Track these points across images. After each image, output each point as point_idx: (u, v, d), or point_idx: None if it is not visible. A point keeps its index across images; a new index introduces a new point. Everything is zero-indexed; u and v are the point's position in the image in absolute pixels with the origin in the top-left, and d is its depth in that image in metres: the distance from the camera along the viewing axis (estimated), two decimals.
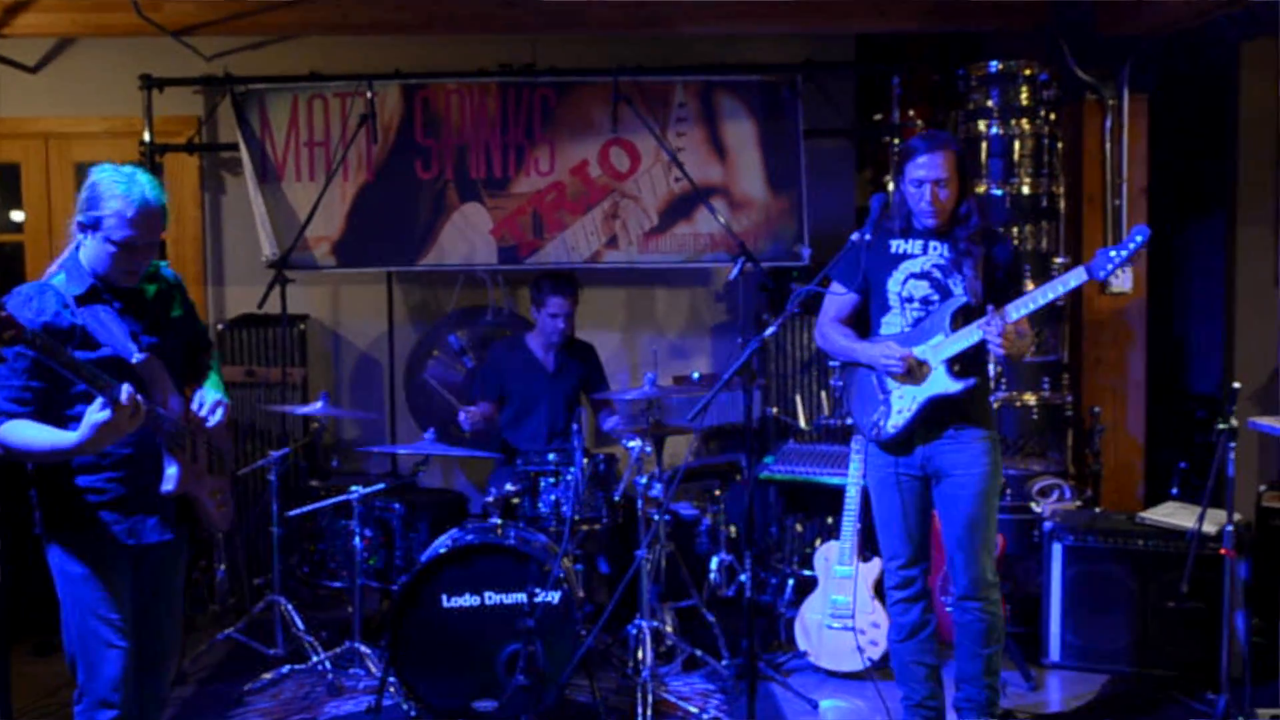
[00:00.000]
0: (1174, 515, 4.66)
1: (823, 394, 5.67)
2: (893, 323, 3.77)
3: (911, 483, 3.79)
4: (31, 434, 2.79)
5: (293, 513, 4.62)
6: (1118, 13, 5.16)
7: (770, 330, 3.51)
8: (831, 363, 5.57)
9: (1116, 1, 5.07)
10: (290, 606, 4.70)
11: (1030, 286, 3.91)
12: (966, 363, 3.64)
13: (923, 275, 3.72)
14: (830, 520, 5.21)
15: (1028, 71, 5.17)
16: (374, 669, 4.44)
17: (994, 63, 5.20)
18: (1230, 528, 3.93)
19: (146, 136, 5.62)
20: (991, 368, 4.32)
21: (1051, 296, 3.51)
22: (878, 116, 6.31)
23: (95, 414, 2.70)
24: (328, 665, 4.50)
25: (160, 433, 2.93)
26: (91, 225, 2.88)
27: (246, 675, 4.53)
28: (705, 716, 4.18)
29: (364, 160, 5.56)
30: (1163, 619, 4.51)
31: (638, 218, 5.61)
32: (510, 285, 5.89)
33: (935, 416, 3.69)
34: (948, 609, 4.30)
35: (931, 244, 3.70)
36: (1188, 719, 4.05)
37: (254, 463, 4.85)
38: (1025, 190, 5.19)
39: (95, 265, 2.91)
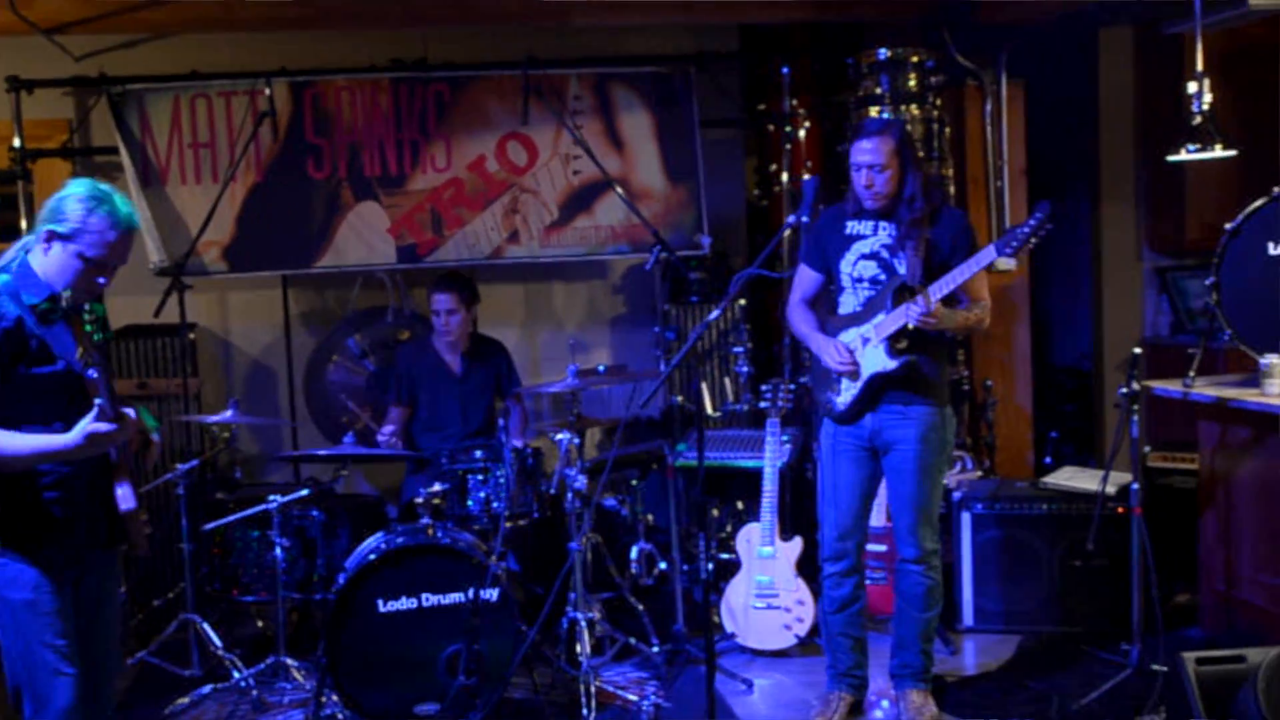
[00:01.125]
0: (1074, 479, 4.88)
1: (726, 380, 5.75)
2: (847, 302, 3.92)
3: (859, 454, 3.93)
4: (5, 439, 2.68)
5: (209, 525, 4.46)
6: (998, 4, 5.36)
7: (714, 314, 3.56)
8: (737, 349, 5.67)
9: None
10: (206, 625, 4.54)
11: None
12: (911, 340, 3.75)
13: (871, 255, 3.85)
14: (743, 504, 5.30)
15: (915, 59, 5.34)
16: (304, 681, 4.32)
17: (883, 50, 5.34)
18: (1136, 486, 4.13)
19: (16, 141, 5.33)
20: None
21: (965, 276, 3.67)
22: (762, 106, 6.42)
23: (92, 423, 2.63)
24: (251, 682, 4.36)
25: (118, 452, 2.83)
26: (66, 237, 2.78)
27: (163, 699, 4.36)
28: (646, 704, 4.20)
29: (253, 161, 5.39)
30: (1069, 578, 4.73)
31: (538, 212, 5.58)
32: (410, 285, 5.78)
33: (879, 392, 3.83)
34: (869, 583, 4.43)
35: (881, 225, 3.83)
36: (1104, 670, 4.23)
37: (158, 478, 4.66)
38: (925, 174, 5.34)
39: (54, 278, 2.81)
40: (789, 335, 5.36)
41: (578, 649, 4.23)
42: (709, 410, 5.61)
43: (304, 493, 4.41)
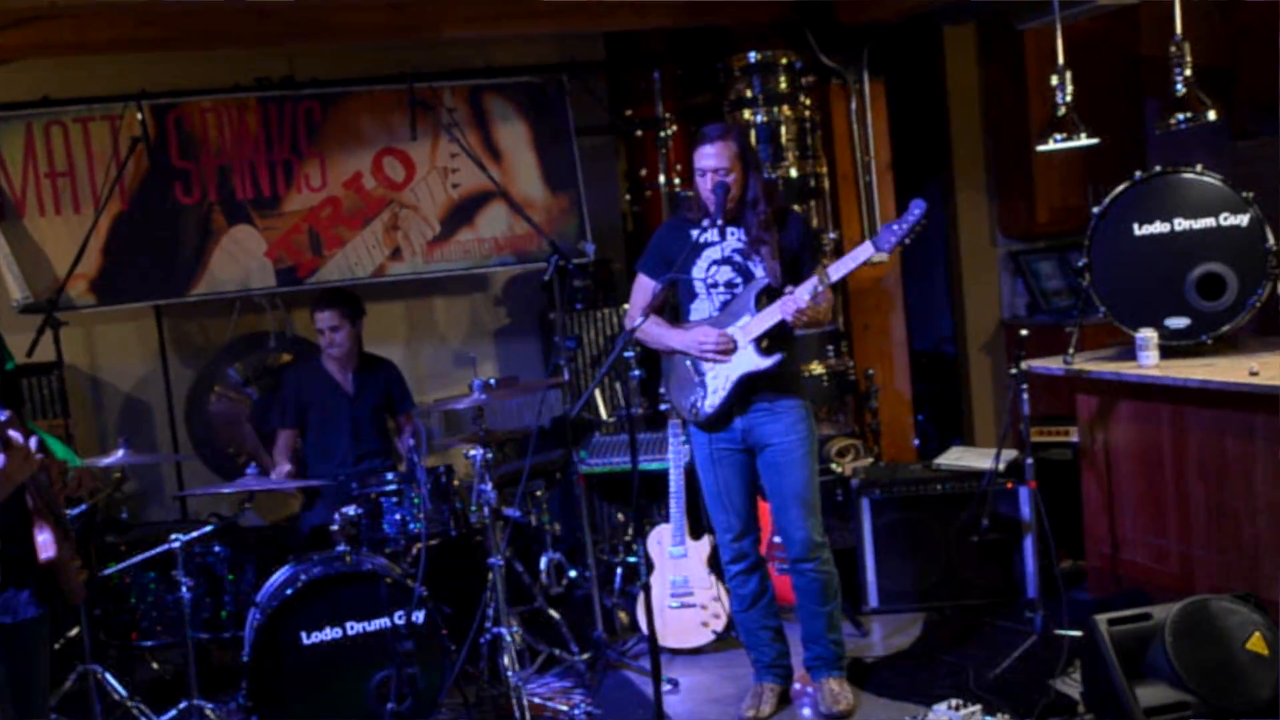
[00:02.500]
0: (963, 459, 5.08)
1: (617, 385, 5.78)
2: (701, 308, 3.95)
3: (735, 456, 3.98)
4: None
5: (108, 570, 4.26)
6: (856, 3, 5.55)
7: (639, 321, 3.57)
8: (628, 354, 5.70)
9: None
10: (108, 674, 4.34)
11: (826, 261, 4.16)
12: (774, 339, 3.84)
13: (724, 260, 3.90)
14: (645, 506, 5.35)
15: (785, 60, 5.48)
16: None
17: (753, 53, 5.46)
18: (1030, 461, 4.34)
19: None
20: None
21: (844, 272, 3.78)
22: (629, 112, 6.48)
23: None
24: None
25: (32, 494, 2.68)
26: None
27: None
28: (578, 713, 4.20)
29: (117, 188, 5.17)
30: (966, 554, 4.92)
31: (419, 227, 5.52)
32: (290, 308, 5.63)
33: (749, 392, 3.88)
34: (778, 573, 4.53)
35: (729, 230, 3.89)
36: (1009, 639, 4.42)
37: None
38: (794, 173, 5.50)
39: None
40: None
41: (505, 662, 4.20)
42: (604, 416, 5.64)
43: (206, 530, 4.26)
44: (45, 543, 2.73)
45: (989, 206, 6.83)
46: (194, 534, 4.23)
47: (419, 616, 3.90)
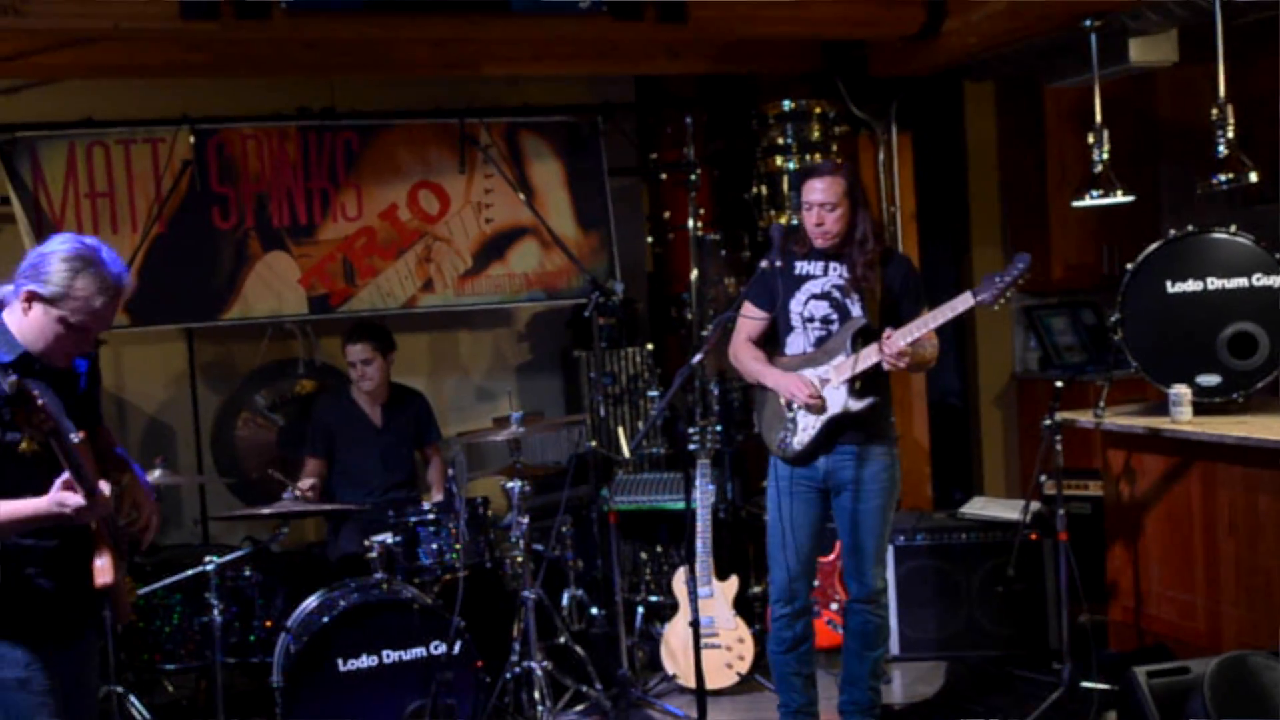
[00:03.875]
0: (987, 509, 5.13)
1: (639, 424, 5.81)
2: (796, 342, 3.98)
3: (810, 493, 3.99)
4: None
5: (142, 591, 4.24)
6: (888, 57, 5.65)
7: (696, 358, 3.61)
8: (651, 393, 5.74)
9: (887, 45, 5.55)
10: (133, 697, 4.31)
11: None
12: (867, 381, 3.87)
13: (823, 296, 3.94)
14: (662, 546, 5.36)
15: (818, 110, 5.57)
16: None
17: (788, 102, 5.55)
18: (1061, 512, 4.37)
19: None
20: None
21: (940, 321, 3.77)
22: (654, 155, 6.55)
23: (61, 494, 2.47)
24: None
25: (100, 521, 2.70)
26: (49, 300, 2.61)
27: None
28: None
29: (154, 210, 5.19)
30: (988, 604, 4.95)
31: (452, 260, 5.55)
32: (320, 335, 5.65)
33: (838, 433, 3.90)
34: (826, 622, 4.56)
35: (831, 265, 3.93)
36: (1034, 690, 4.44)
37: None
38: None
39: (31, 339, 2.64)
40: (723, 376, 5.45)
41: (536, 696, 4.20)
42: (626, 454, 5.65)
43: (240, 553, 4.25)
44: (103, 567, 2.74)
45: (1004, 261, 6.90)
46: (228, 557, 4.22)
47: (455, 647, 3.88)
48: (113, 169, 5.17)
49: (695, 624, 3.51)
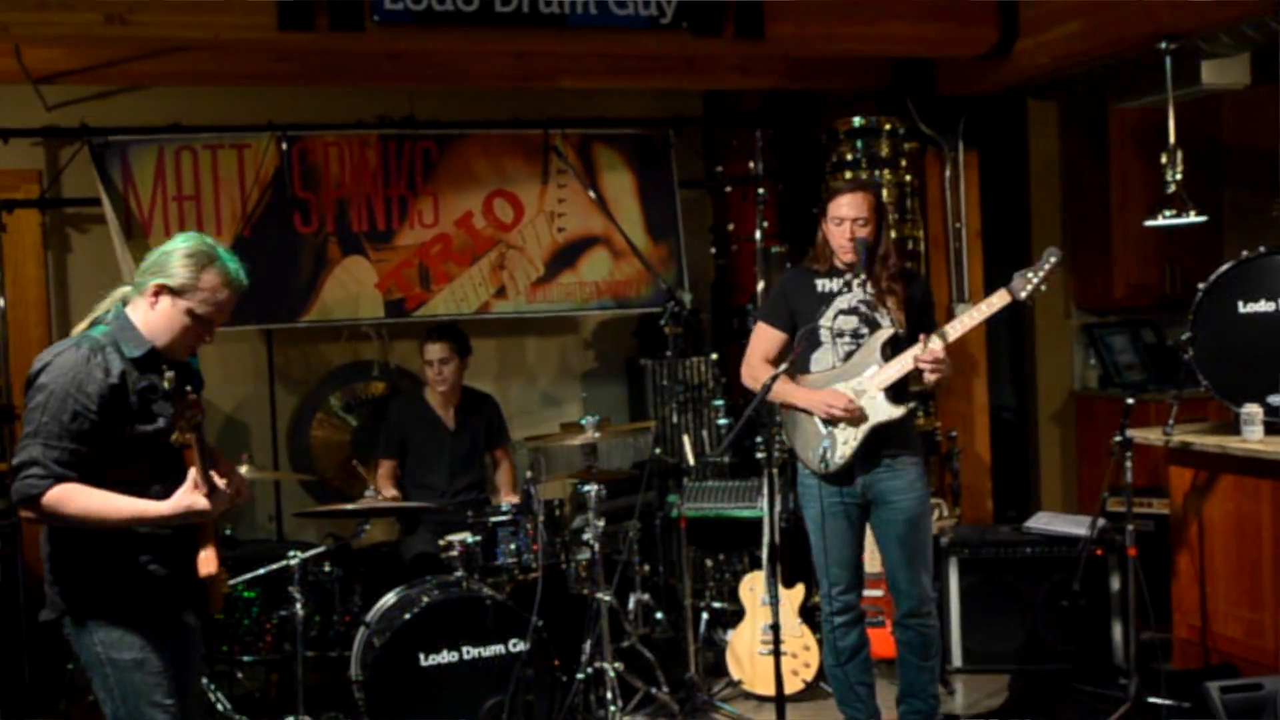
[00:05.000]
0: (1052, 523, 5.16)
1: (704, 433, 5.88)
2: (824, 358, 4.02)
3: (854, 510, 4.03)
4: (100, 499, 2.64)
5: (230, 581, 4.37)
6: (957, 75, 5.72)
7: (782, 367, 3.68)
8: (716, 402, 5.82)
9: (957, 63, 5.62)
10: (213, 686, 4.43)
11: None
12: (899, 391, 3.94)
13: (851, 310, 3.99)
14: (725, 554, 5.42)
15: (888, 126, 5.64)
16: None
17: (858, 118, 5.63)
18: (1130, 528, 4.41)
19: None
20: None
21: (978, 318, 3.87)
22: (720, 168, 6.65)
23: (188, 496, 2.61)
24: None
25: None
26: (176, 292, 2.75)
27: None
28: None
29: (238, 214, 5.34)
30: (1051, 618, 4.97)
31: (524, 268, 5.67)
32: (392, 339, 5.77)
33: (875, 445, 3.95)
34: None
35: (855, 281, 3.98)
36: (1098, 704, 4.47)
37: None
38: (892, 235, 5.62)
39: (157, 333, 2.77)
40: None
41: (608, 696, 4.28)
42: (691, 462, 5.73)
43: (322, 549, 4.37)
44: (207, 558, 2.86)
45: (1065, 278, 6.94)
46: (311, 552, 4.33)
47: (535, 645, 3.97)
48: (199, 173, 5.33)
49: (775, 628, 3.57)
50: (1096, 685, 4.70)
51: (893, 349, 3.93)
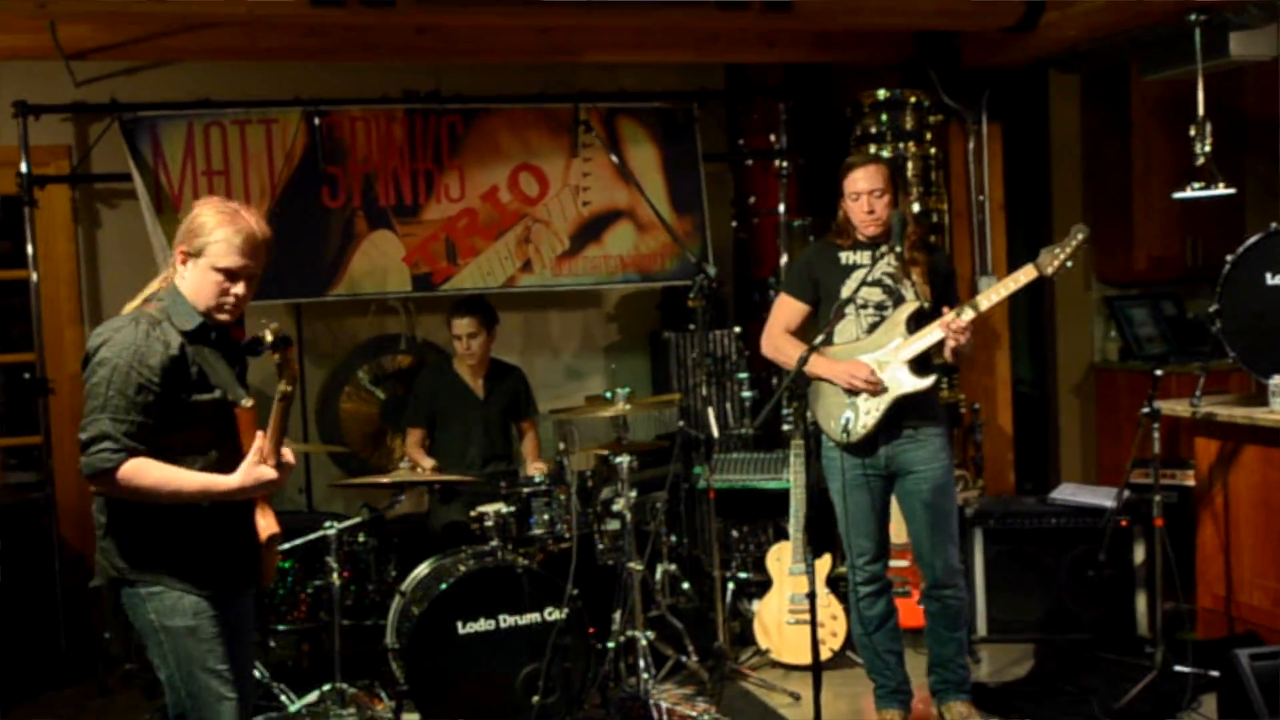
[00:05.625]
0: (1077, 495, 5.20)
1: (727, 406, 5.92)
2: (847, 329, 4.04)
3: (877, 481, 4.06)
4: (173, 473, 2.69)
5: None
6: (981, 47, 5.72)
7: (819, 340, 3.72)
8: (740, 375, 5.85)
9: (982, 36, 5.62)
10: None
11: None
12: (923, 363, 3.97)
13: (875, 283, 4.00)
14: (749, 525, 5.47)
15: (913, 99, 5.64)
16: (370, 710, 4.32)
17: (883, 91, 5.63)
18: (1158, 498, 4.44)
19: (24, 167, 5.21)
20: None
21: (1005, 293, 3.89)
22: (741, 141, 6.65)
23: (259, 469, 2.68)
24: (304, 711, 4.34)
25: None
26: (196, 253, 2.79)
27: None
28: (707, 718, 4.32)
29: (266, 189, 5.37)
30: (1076, 588, 5.02)
31: (550, 242, 5.69)
32: (419, 313, 5.81)
33: (898, 416, 3.98)
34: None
35: (878, 253, 4.00)
36: (1126, 672, 4.52)
37: None
38: (916, 208, 5.65)
39: (198, 296, 2.81)
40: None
41: (640, 665, 4.33)
42: (715, 434, 5.76)
43: (357, 520, 4.42)
44: (266, 525, 2.90)
45: (1086, 251, 6.92)
46: (348, 523, 4.39)
47: (572, 614, 4.03)
48: (228, 148, 5.35)
49: (812, 596, 3.61)
50: (1120, 654, 4.74)
51: (917, 323, 3.96)
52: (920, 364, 3.96)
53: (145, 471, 2.67)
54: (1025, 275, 3.89)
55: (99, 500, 2.82)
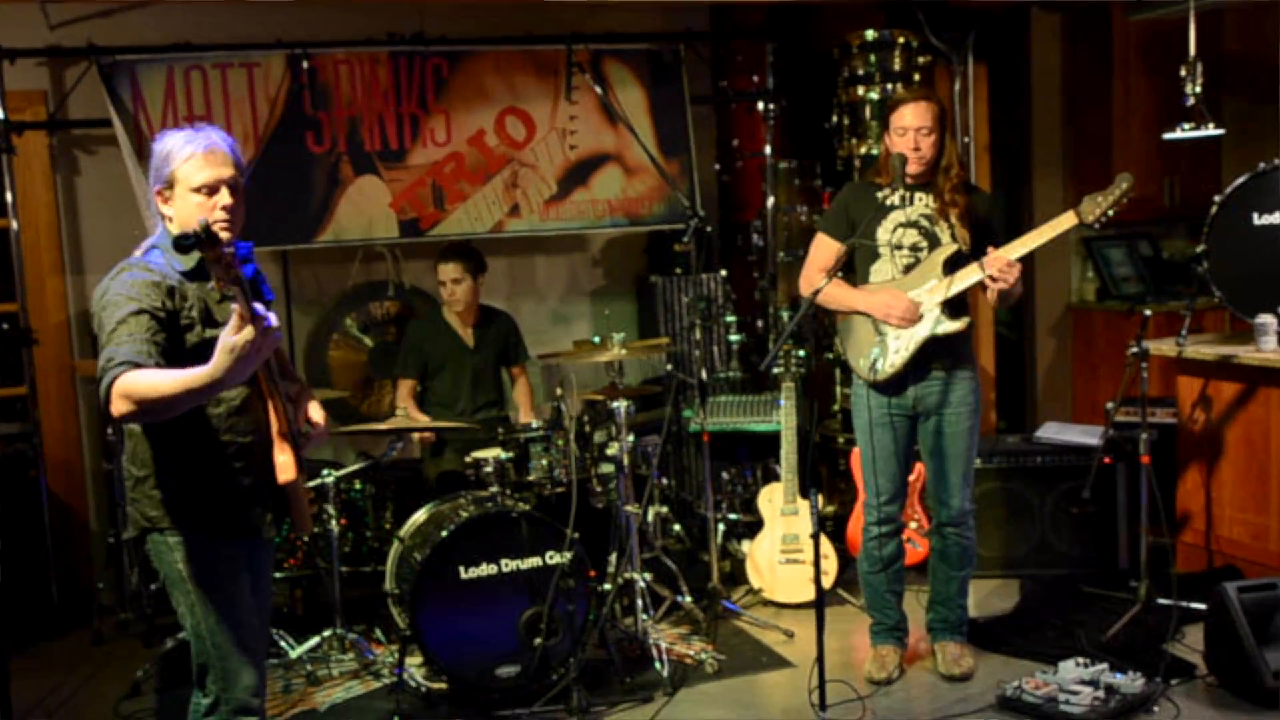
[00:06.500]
0: (1062, 433, 5.28)
1: (714, 349, 5.95)
2: (883, 269, 4.04)
3: (902, 422, 4.09)
4: (155, 377, 2.51)
5: None
6: None
7: (825, 283, 3.74)
8: (729, 318, 5.87)
9: None
10: None
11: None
12: (957, 306, 3.99)
13: (911, 224, 3.99)
14: (737, 467, 5.52)
15: (902, 39, 5.63)
16: (367, 654, 4.36)
17: (871, 31, 5.61)
18: (1146, 437, 4.52)
19: (0, 113, 5.12)
20: None
21: (1045, 239, 3.86)
22: (723, 83, 6.62)
23: (231, 336, 2.40)
24: (305, 657, 4.37)
25: (277, 416, 2.83)
26: (169, 184, 2.76)
27: None
28: (705, 657, 4.39)
29: (250, 134, 5.30)
30: (1059, 525, 5.12)
31: (537, 186, 5.66)
32: (407, 259, 5.78)
33: (928, 357, 3.99)
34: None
35: (917, 194, 3.98)
36: (1111, 606, 4.62)
37: None
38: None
39: (185, 226, 2.74)
40: (795, 303, 5.54)
41: (639, 605, 4.39)
42: (703, 377, 5.79)
43: (357, 467, 4.43)
44: (285, 464, 2.86)
45: (1064, 192, 6.99)
46: (345, 470, 4.40)
47: (568, 558, 4.06)
48: (210, 93, 5.27)
49: (816, 537, 3.67)
50: (1103, 589, 4.85)
51: (954, 266, 3.93)
52: (953, 306, 3.96)
53: (137, 378, 2.50)
54: (1066, 221, 3.87)
55: (128, 452, 2.80)
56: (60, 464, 5.37)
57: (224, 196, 2.77)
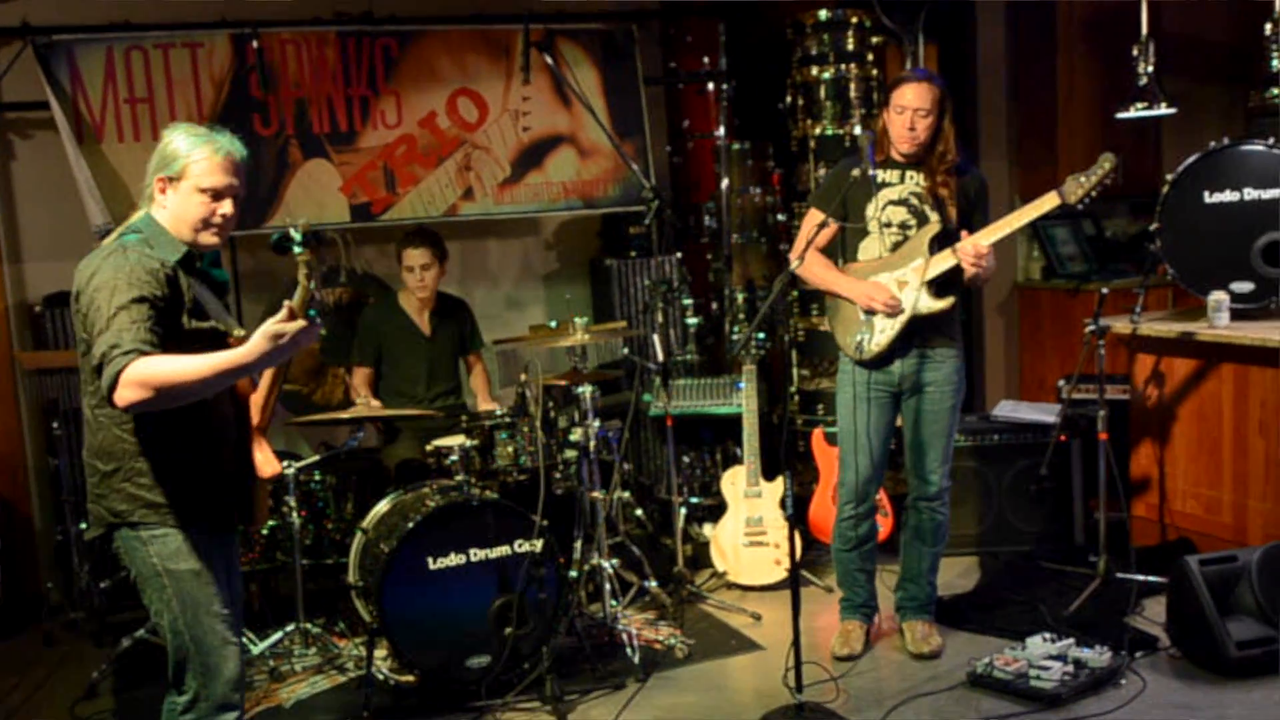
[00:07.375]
0: (1017, 411, 5.33)
1: (671, 332, 5.92)
2: (871, 247, 4.04)
3: (887, 399, 4.10)
4: (178, 363, 2.50)
5: None
6: None
7: (794, 265, 3.72)
8: (686, 300, 5.84)
9: None
10: None
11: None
12: (943, 284, 3.99)
13: (900, 202, 3.99)
14: (716, 449, 5.52)
15: (855, 19, 5.63)
16: (334, 649, 4.28)
17: (824, 11, 5.60)
18: (1103, 413, 4.58)
19: None
20: None
21: (1023, 222, 3.87)
22: (672, 64, 6.58)
23: (280, 324, 2.50)
24: (266, 653, 4.29)
25: (261, 411, 2.80)
26: (176, 176, 2.70)
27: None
28: (674, 642, 4.37)
29: (194, 116, 5.15)
30: (1016, 502, 5.17)
31: (491, 169, 5.58)
32: (359, 244, 5.67)
33: (914, 334, 4.00)
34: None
35: (908, 173, 3.99)
36: (1070, 581, 4.69)
37: None
38: (859, 129, 5.66)
39: (181, 223, 2.71)
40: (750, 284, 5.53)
41: (606, 591, 4.36)
42: (660, 358, 5.76)
43: (319, 459, 4.34)
44: (266, 459, 2.85)
45: (1009, 171, 7.06)
46: (305, 462, 4.30)
47: (537, 546, 4.02)
48: (151, 74, 5.12)
49: (792, 520, 3.66)
50: (1061, 564, 4.91)
51: (940, 244, 3.93)
52: (939, 285, 3.96)
53: (157, 363, 2.49)
54: (1048, 202, 3.86)
55: (93, 446, 2.72)
56: (3, 461, 5.20)
57: (226, 206, 2.76)
